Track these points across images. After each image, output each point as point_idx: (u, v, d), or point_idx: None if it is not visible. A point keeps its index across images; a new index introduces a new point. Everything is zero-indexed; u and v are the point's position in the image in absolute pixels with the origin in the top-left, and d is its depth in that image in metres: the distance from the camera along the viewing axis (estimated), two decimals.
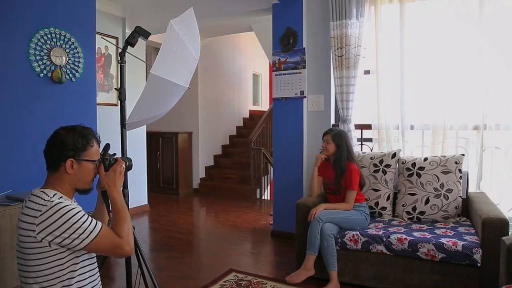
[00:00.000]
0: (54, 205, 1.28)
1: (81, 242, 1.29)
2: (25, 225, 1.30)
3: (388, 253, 2.50)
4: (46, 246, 1.28)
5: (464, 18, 3.11)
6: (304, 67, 3.66)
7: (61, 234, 1.26)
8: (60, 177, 1.39)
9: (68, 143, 1.38)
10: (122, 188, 1.54)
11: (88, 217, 1.33)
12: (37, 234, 1.26)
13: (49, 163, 1.40)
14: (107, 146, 1.51)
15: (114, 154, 1.52)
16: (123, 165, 1.52)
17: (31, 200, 1.33)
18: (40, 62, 2.96)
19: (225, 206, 5.40)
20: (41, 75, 2.97)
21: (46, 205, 1.29)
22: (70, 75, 3.17)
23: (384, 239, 2.50)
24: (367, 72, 3.48)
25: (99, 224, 1.34)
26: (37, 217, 1.27)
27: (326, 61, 3.59)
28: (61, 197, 1.36)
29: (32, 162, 2.85)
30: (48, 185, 1.39)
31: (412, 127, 3.32)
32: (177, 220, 4.66)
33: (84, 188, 1.45)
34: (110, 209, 1.49)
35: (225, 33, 6.55)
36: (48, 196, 1.32)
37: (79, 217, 1.29)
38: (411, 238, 2.45)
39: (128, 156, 1.96)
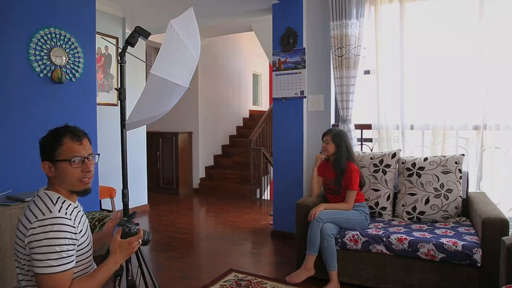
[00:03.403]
0: (52, 218, 1.24)
1: (37, 267, 1.21)
2: (21, 227, 1.28)
3: (388, 253, 2.50)
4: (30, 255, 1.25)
5: (464, 18, 3.11)
6: (304, 67, 3.66)
7: (33, 247, 1.22)
8: (50, 180, 1.38)
9: (41, 146, 1.36)
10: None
11: (67, 251, 1.24)
12: (26, 238, 1.24)
13: None
14: (133, 214, 1.46)
15: (137, 224, 1.43)
16: (140, 241, 1.42)
17: (35, 201, 1.31)
18: (40, 62, 2.96)
19: (225, 206, 5.40)
20: (41, 75, 2.97)
21: (45, 214, 1.25)
22: (70, 75, 3.17)
23: (384, 239, 2.50)
24: (367, 72, 3.48)
25: (69, 266, 1.25)
26: (31, 222, 1.25)
27: (326, 61, 3.59)
28: (64, 201, 1.33)
29: (32, 162, 2.85)
30: (50, 186, 1.38)
31: (412, 127, 3.32)
32: (177, 220, 4.66)
33: (77, 189, 1.38)
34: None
35: (225, 33, 6.55)
36: (52, 201, 1.30)
37: (60, 244, 1.23)
38: (411, 238, 2.44)
39: (127, 156, 1.96)
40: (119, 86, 1.97)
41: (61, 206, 1.30)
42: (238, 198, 6.02)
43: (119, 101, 2.00)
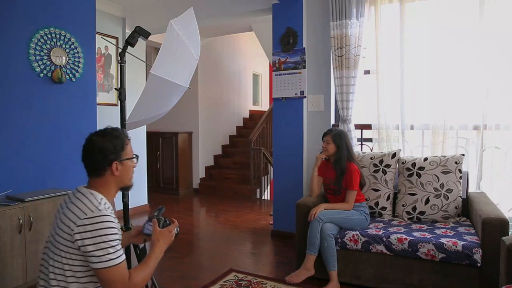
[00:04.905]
0: (101, 216, 1.31)
1: (97, 262, 1.29)
2: (67, 221, 1.32)
3: (388, 253, 2.50)
4: (77, 249, 1.30)
5: (464, 18, 3.12)
6: (304, 67, 3.66)
7: (88, 244, 1.28)
8: (106, 181, 1.43)
9: (108, 148, 1.41)
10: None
11: (118, 244, 1.34)
12: (74, 234, 1.29)
13: (91, 170, 1.43)
14: (162, 209, 1.61)
15: (166, 218, 1.60)
16: (176, 230, 1.58)
17: (79, 198, 1.36)
18: (40, 62, 2.95)
19: (225, 206, 5.40)
20: (41, 75, 2.97)
21: (93, 212, 1.31)
22: (70, 75, 3.17)
23: (384, 239, 2.50)
24: (367, 72, 3.48)
25: (123, 256, 1.34)
26: (80, 218, 1.30)
27: (326, 61, 3.59)
28: (106, 203, 1.39)
29: (32, 162, 2.85)
30: (93, 188, 1.42)
31: (412, 127, 3.32)
32: (177, 220, 4.65)
33: (128, 184, 1.52)
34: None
35: (225, 33, 6.55)
36: (97, 200, 1.35)
37: (113, 239, 1.31)
38: (411, 238, 2.45)
39: None
40: (119, 86, 1.97)
41: (105, 206, 1.36)
42: (238, 198, 6.02)
43: (119, 101, 2.00)
